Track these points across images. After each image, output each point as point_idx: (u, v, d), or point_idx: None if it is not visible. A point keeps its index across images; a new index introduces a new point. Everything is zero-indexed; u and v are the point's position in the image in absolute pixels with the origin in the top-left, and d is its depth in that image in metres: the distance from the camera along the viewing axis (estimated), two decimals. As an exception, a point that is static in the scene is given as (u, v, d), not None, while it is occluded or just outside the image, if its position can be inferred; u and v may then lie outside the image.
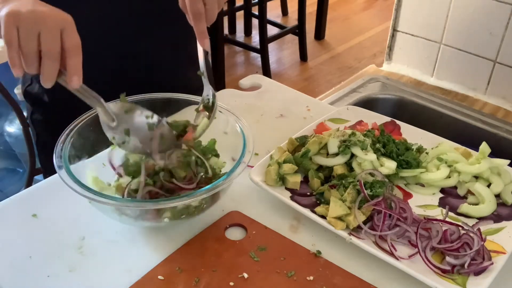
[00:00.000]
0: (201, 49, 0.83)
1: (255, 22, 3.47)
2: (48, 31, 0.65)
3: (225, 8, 3.41)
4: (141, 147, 0.79)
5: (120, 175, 0.83)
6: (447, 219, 0.80)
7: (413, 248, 0.75)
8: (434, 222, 0.77)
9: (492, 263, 0.72)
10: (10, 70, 0.68)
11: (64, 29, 0.67)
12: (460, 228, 0.77)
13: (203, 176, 0.81)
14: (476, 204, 0.84)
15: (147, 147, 0.79)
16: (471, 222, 0.80)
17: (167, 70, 1.10)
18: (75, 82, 0.68)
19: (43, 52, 0.66)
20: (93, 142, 0.86)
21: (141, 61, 1.06)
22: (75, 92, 0.71)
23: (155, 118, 0.80)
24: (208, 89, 0.86)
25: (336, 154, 0.88)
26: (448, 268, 0.72)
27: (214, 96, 0.85)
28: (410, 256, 0.74)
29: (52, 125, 0.84)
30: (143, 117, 0.79)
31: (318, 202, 0.83)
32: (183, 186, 0.78)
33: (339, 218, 0.78)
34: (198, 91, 0.88)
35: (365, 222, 0.77)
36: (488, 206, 0.82)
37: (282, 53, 3.78)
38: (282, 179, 0.87)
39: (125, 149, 0.80)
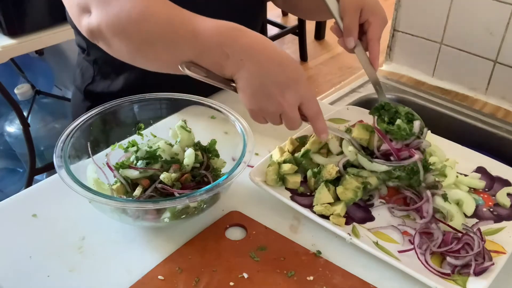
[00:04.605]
0: (371, 66, 0.91)
1: (255, 22, 3.46)
2: (288, 118, 0.75)
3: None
4: None
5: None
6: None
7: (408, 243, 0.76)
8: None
9: (493, 264, 0.72)
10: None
11: (302, 103, 0.74)
12: (462, 233, 0.77)
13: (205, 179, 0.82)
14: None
15: None
16: (471, 222, 0.81)
17: None
18: (323, 137, 0.79)
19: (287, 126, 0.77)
20: (93, 142, 0.86)
21: None
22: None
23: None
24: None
25: (338, 154, 0.88)
26: (448, 271, 0.72)
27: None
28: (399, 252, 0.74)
29: None
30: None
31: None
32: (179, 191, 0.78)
33: (338, 215, 0.79)
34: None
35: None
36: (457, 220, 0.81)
37: (282, 53, 3.78)
38: (282, 179, 0.87)
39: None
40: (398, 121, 0.86)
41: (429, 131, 0.98)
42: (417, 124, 0.86)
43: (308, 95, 0.74)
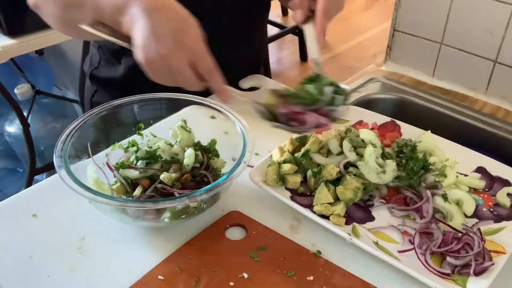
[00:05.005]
0: (315, 41, 0.83)
1: (255, 22, 3.46)
2: (179, 72, 0.71)
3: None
4: None
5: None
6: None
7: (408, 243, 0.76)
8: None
9: (493, 264, 0.72)
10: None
11: (192, 61, 0.71)
12: (462, 233, 0.77)
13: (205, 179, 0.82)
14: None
15: None
16: (471, 222, 0.81)
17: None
18: (225, 100, 0.76)
19: (184, 85, 0.73)
20: (93, 142, 0.86)
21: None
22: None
23: None
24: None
25: (338, 154, 0.88)
26: (448, 271, 0.72)
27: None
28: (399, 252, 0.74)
29: None
30: None
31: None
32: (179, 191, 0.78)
33: (338, 215, 0.79)
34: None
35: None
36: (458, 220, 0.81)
37: (282, 53, 3.78)
38: (282, 179, 0.87)
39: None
40: (308, 86, 0.81)
41: (429, 131, 0.98)
42: (327, 90, 0.79)
43: (200, 50, 0.71)
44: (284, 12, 4.18)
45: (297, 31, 3.51)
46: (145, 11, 0.69)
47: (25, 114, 1.90)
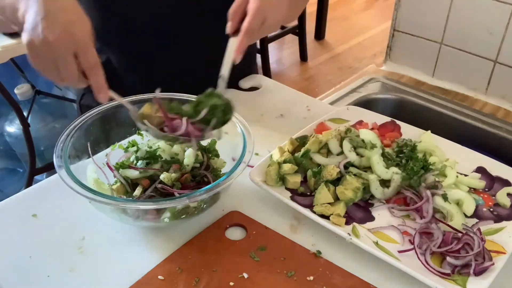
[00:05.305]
0: (231, 58, 0.81)
1: (255, 22, 3.46)
2: (62, 61, 0.69)
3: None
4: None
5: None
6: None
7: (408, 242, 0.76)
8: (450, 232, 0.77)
9: (493, 264, 0.72)
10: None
11: (77, 52, 0.70)
12: (462, 233, 0.77)
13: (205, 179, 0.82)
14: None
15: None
16: (471, 222, 0.81)
17: (199, 69, 1.10)
18: (101, 99, 0.73)
19: (63, 78, 0.71)
20: (93, 142, 0.86)
21: (174, 58, 1.09)
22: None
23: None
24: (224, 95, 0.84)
25: (338, 154, 0.88)
26: (448, 271, 0.72)
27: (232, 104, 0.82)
28: (399, 252, 0.74)
29: None
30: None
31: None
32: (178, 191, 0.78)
33: (338, 215, 0.79)
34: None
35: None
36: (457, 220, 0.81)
37: (282, 53, 3.79)
38: (282, 179, 0.87)
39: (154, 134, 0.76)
40: (186, 106, 0.79)
41: (429, 131, 0.98)
42: (203, 112, 0.77)
43: (87, 44, 0.70)
44: (284, 12, 4.18)
45: (297, 31, 3.51)
46: (41, 2, 0.70)
47: (25, 114, 1.90)
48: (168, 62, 1.09)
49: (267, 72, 3.29)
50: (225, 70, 0.80)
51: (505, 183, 0.88)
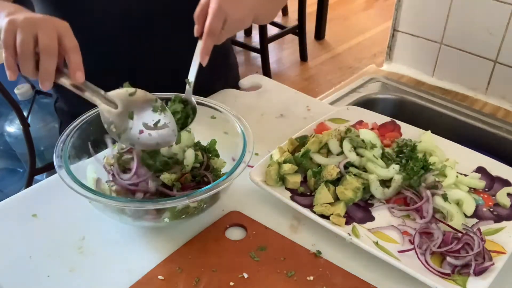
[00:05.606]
0: (198, 61, 0.82)
1: (255, 22, 3.46)
2: (45, 32, 0.69)
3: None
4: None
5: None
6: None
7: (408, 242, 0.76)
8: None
9: (493, 264, 0.72)
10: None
11: (61, 33, 0.71)
12: (462, 233, 0.77)
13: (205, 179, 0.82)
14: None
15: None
16: (471, 222, 0.81)
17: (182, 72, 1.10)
18: (79, 76, 0.72)
19: (40, 49, 0.69)
20: (93, 142, 0.86)
21: (154, 61, 1.08)
22: (73, 89, 0.73)
23: (159, 101, 0.78)
24: (191, 99, 0.85)
25: (338, 154, 0.88)
26: (448, 271, 0.72)
27: (195, 108, 0.84)
28: (399, 252, 0.74)
29: (75, 113, 0.88)
30: (148, 98, 0.77)
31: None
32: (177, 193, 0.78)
33: (338, 215, 0.79)
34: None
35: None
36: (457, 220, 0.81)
37: (282, 53, 3.78)
38: (282, 179, 0.87)
39: (125, 141, 0.76)
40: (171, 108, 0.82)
41: (429, 131, 0.98)
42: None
43: (67, 29, 0.72)
44: (284, 12, 4.18)
45: (297, 31, 3.51)
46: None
47: (25, 114, 1.90)
48: (141, 61, 1.08)
49: (267, 72, 3.29)
50: (192, 73, 0.83)
51: (505, 183, 0.88)
